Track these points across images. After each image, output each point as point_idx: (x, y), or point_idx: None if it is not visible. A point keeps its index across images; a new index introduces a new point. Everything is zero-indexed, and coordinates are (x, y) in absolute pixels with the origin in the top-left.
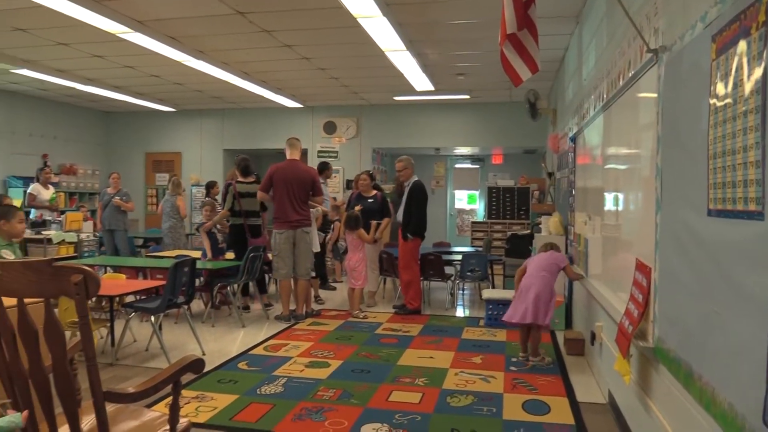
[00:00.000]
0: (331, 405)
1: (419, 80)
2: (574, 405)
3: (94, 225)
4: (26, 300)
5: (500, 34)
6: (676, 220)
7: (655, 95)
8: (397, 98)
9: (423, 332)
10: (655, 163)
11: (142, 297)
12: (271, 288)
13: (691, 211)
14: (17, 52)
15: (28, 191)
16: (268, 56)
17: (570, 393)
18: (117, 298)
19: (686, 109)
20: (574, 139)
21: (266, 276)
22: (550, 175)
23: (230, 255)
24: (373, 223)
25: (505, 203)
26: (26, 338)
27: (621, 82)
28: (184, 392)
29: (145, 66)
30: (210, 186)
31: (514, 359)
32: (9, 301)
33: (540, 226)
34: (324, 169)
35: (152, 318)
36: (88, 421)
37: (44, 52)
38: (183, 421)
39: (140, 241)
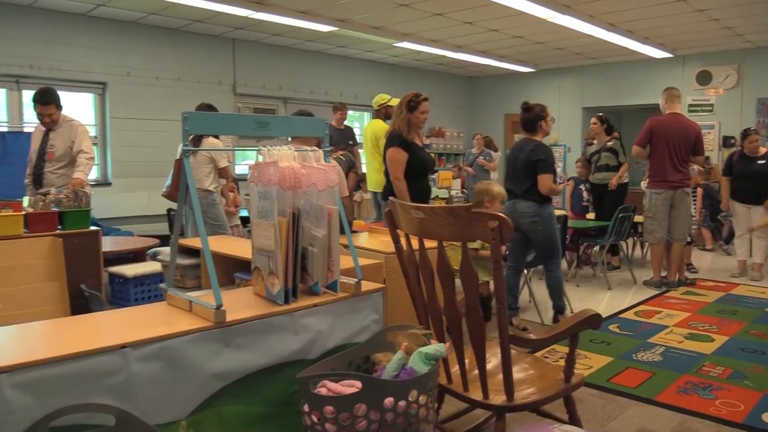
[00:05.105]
0: (721, 384)
1: None
2: None
3: (462, 183)
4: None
5: None
6: None
7: None
8: None
9: None
10: None
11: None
12: (636, 252)
13: None
14: (400, 27)
15: None
16: (638, 3)
17: None
18: None
19: None
20: None
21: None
22: None
23: (591, 215)
24: None
25: None
26: (444, 277)
27: None
28: (557, 347)
29: (510, 28)
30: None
31: None
32: (428, 243)
33: None
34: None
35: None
36: (488, 358)
37: (421, 24)
38: (577, 374)
39: None
